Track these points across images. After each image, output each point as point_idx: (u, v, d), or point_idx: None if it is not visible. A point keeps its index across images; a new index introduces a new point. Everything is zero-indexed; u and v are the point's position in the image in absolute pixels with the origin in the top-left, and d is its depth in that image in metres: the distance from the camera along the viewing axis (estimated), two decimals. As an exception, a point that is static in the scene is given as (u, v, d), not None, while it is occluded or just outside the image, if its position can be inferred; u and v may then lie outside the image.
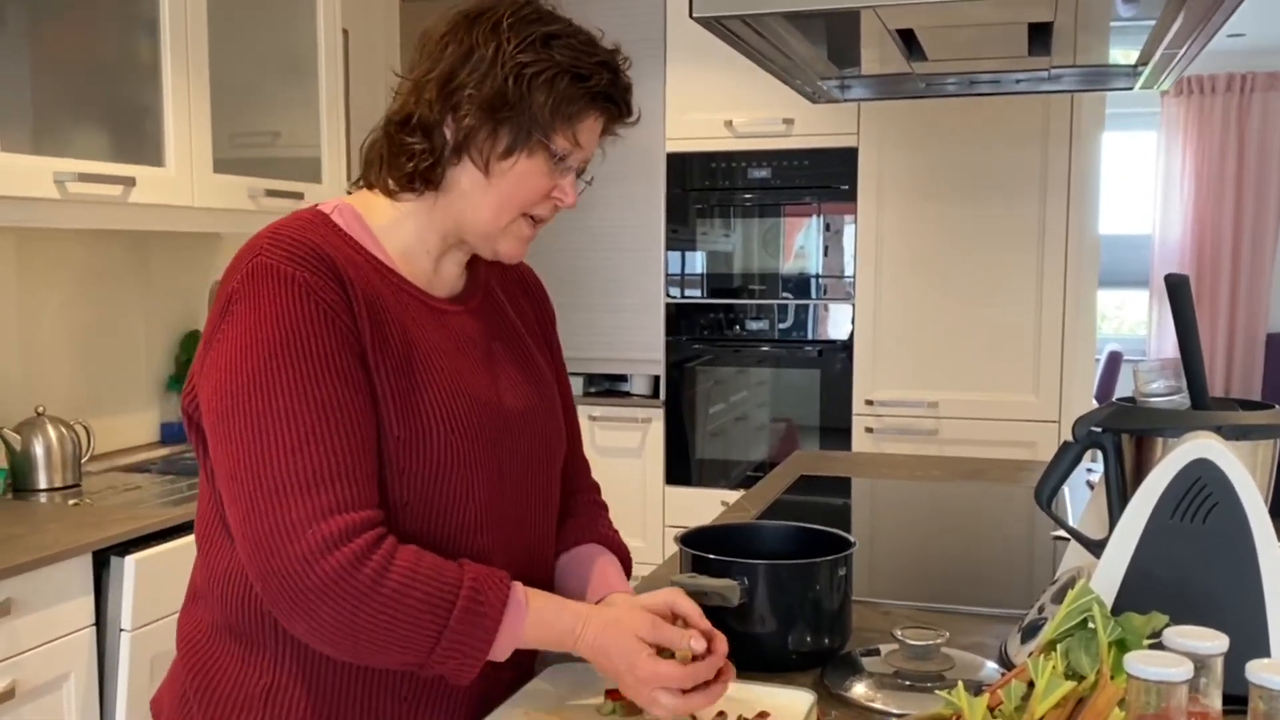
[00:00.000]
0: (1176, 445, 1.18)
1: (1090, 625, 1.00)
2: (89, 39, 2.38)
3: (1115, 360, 5.87)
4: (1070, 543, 1.39)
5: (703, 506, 3.59)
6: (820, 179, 3.75)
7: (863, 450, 3.65)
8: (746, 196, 3.85)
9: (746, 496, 2.28)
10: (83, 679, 2.02)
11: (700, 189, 3.89)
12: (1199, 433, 1.18)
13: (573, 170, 1.19)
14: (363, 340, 1.10)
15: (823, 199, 3.77)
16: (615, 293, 4.02)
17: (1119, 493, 1.29)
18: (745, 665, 1.30)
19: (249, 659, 1.16)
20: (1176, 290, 1.24)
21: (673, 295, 3.95)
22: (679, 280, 3.94)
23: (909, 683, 1.25)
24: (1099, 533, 1.28)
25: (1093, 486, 2.13)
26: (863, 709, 1.21)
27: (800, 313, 3.83)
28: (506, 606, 1.08)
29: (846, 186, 3.71)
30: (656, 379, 4.01)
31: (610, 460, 3.93)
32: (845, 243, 3.75)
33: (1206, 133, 6.51)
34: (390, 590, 1.04)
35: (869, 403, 3.72)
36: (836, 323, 3.79)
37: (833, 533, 1.42)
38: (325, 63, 2.99)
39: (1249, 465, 1.17)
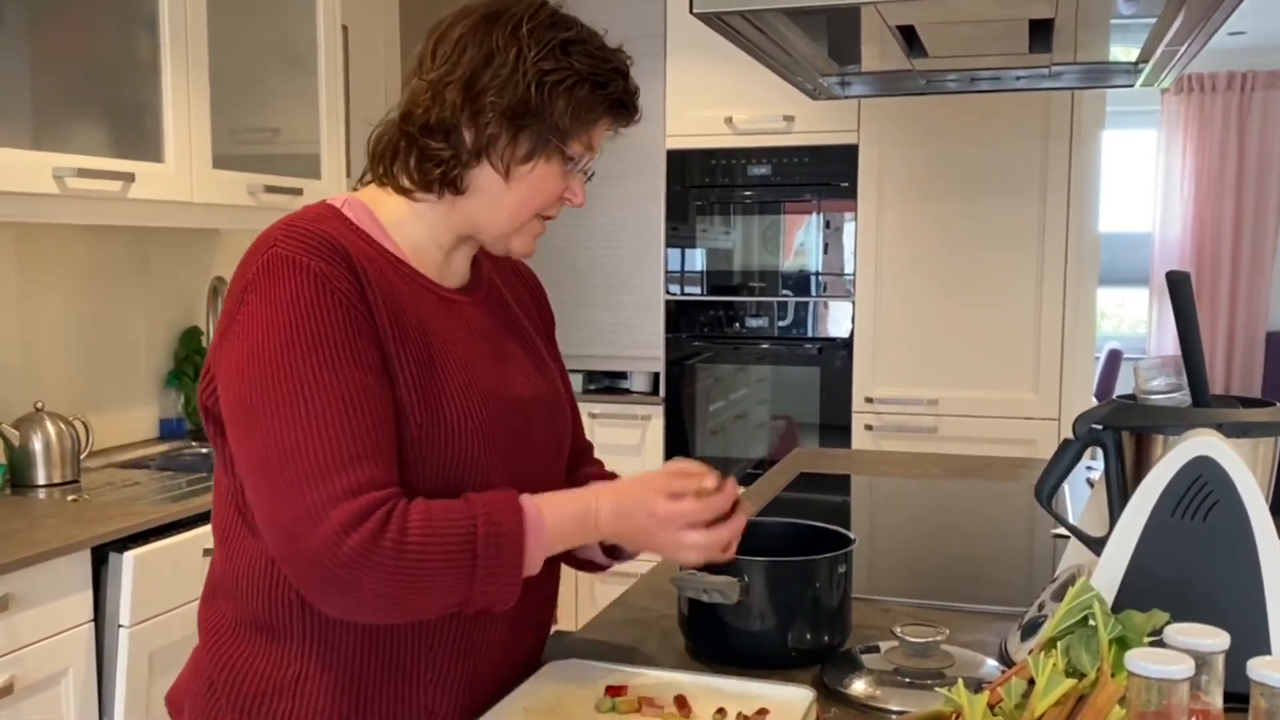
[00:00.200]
0: (1177, 443, 1.18)
1: (1091, 623, 1.00)
2: (88, 34, 2.37)
3: (1115, 358, 5.86)
4: (1070, 540, 1.39)
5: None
6: (820, 176, 3.75)
7: (862, 448, 3.65)
8: (746, 193, 3.84)
9: (746, 494, 2.27)
10: (81, 675, 2.02)
11: (700, 186, 3.88)
12: (1200, 430, 1.18)
13: (583, 171, 1.22)
14: (381, 330, 1.12)
15: (823, 196, 3.76)
16: (615, 290, 4.01)
17: (1119, 490, 1.28)
18: (745, 662, 1.31)
19: (275, 650, 1.17)
20: (1178, 287, 1.24)
21: (672, 292, 3.94)
22: (679, 277, 3.94)
23: (909, 680, 1.24)
24: (1099, 530, 1.28)
25: (1092, 484, 2.13)
26: (862, 706, 1.21)
27: (800, 310, 3.83)
28: (524, 522, 1.11)
29: (846, 184, 3.71)
30: (656, 376, 4.00)
31: (610, 457, 3.84)
32: (845, 240, 3.74)
33: (1207, 131, 6.50)
34: (414, 549, 1.06)
35: (869, 400, 3.71)
36: (836, 320, 3.78)
37: (832, 530, 1.42)
38: (325, 58, 2.98)
39: (1250, 463, 1.17)
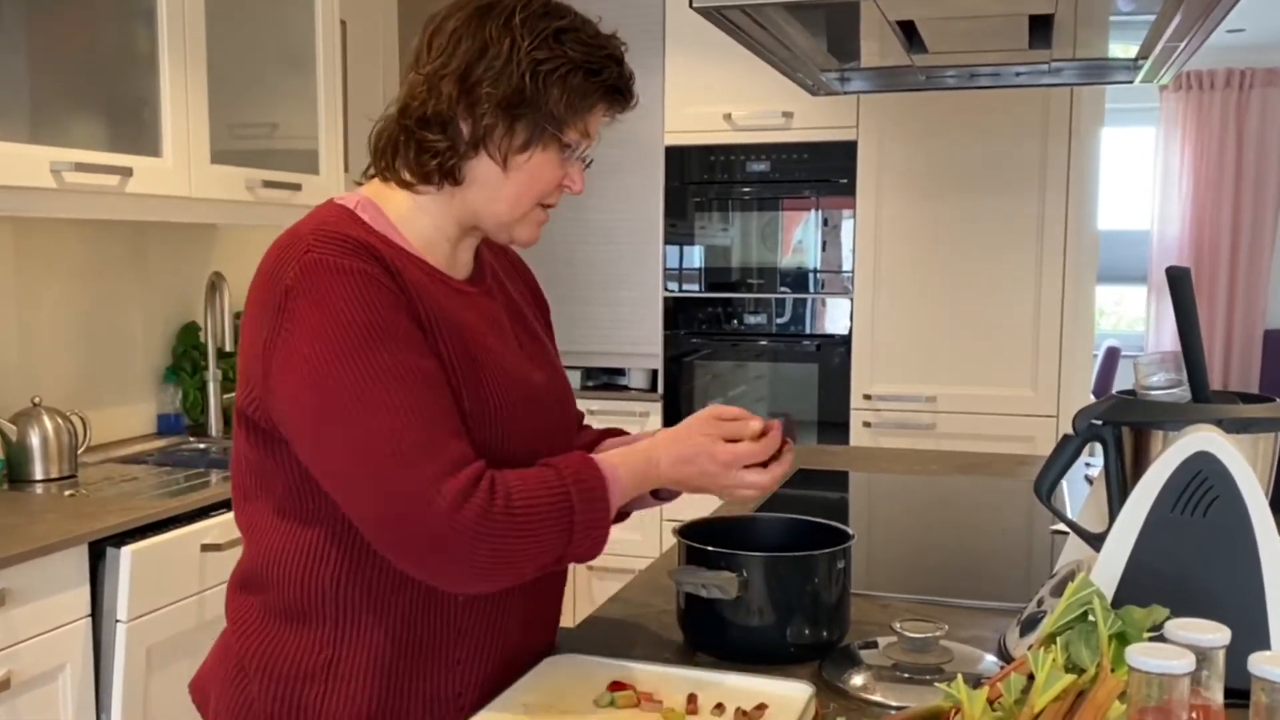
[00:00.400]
0: (1177, 438, 1.18)
1: (1090, 618, 1.00)
2: (87, 28, 2.37)
3: (1113, 356, 5.85)
4: (1069, 536, 1.39)
5: (700, 499, 3.58)
6: (819, 172, 3.74)
7: (861, 444, 3.65)
8: (745, 190, 3.84)
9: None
10: (78, 670, 2.01)
11: (699, 182, 3.87)
12: (1200, 426, 1.18)
13: (581, 159, 1.24)
14: (421, 324, 1.15)
15: (821, 193, 3.76)
16: (613, 286, 4.01)
17: (1119, 486, 1.28)
18: (743, 657, 1.31)
19: (307, 635, 1.19)
20: (1178, 283, 1.24)
21: (671, 289, 3.94)
22: (677, 274, 3.93)
23: (907, 675, 1.24)
24: (1098, 526, 1.28)
25: (1091, 481, 2.13)
26: (861, 701, 1.21)
27: (798, 307, 3.83)
28: (605, 478, 1.17)
29: (845, 180, 3.70)
30: (654, 373, 4.00)
31: (608, 454, 3.91)
32: (844, 237, 3.74)
33: (1205, 128, 6.50)
34: (522, 512, 1.11)
35: (867, 397, 3.71)
36: (835, 317, 3.78)
37: (831, 525, 1.42)
38: (323, 54, 2.98)
39: (1250, 458, 1.17)
